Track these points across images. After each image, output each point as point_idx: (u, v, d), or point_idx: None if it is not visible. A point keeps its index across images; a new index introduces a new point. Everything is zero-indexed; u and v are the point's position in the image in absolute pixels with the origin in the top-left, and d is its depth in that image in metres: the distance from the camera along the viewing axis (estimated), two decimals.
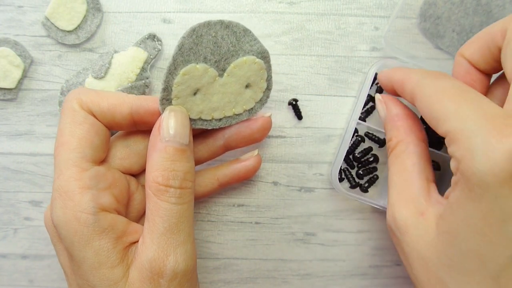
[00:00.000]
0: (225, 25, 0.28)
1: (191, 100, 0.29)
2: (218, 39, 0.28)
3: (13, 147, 0.36)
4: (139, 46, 0.35)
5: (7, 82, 0.35)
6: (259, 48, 0.30)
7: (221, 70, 0.29)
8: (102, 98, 0.28)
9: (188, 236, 0.27)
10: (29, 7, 0.36)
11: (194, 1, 0.36)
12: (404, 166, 0.28)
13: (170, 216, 0.26)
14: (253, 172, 0.34)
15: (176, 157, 0.27)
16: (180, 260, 0.26)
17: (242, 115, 0.31)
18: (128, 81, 0.35)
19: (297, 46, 0.37)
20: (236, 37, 0.29)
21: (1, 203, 0.37)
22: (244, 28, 0.29)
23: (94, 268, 0.26)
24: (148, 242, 0.26)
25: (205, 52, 0.28)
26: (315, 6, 0.37)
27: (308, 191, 0.37)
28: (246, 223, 0.37)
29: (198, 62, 0.28)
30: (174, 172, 0.27)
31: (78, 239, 0.26)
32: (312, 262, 0.37)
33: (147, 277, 0.26)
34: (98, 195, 0.26)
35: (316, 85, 0.37)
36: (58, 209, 0.26)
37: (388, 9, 0.37)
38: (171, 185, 0.26)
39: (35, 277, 0.37)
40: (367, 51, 0.37)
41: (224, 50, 0.29)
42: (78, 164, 0.27)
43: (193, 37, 0.28)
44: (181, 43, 0.27)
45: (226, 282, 0.37)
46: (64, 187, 0.26)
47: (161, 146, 0.27)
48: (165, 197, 0.26)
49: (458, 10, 0.36)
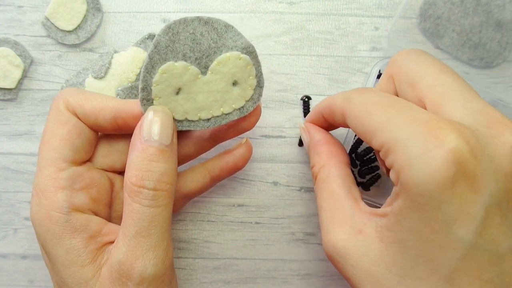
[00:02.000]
0: (203, 21, 0.27)
1: (174, 100, 0.28)
2: (197, 36, 0.27)
3: (13, 147, 0.36)
4: (139, 46, 0.35)
5: (7, 82, 0.35)
6: (243, 43, 0.28)
7: (203, 68, 0.28)
8: (87, 100, 0.28)
9: (160, 241, 0.26)
10: (29, 7, 0.36)
11: (194, 1, 0.36)
12: (331, 190, 0.28)
13: (141, 219, 0.26)
14: (243, 161, 0.32)
15: (153, 158, 0.26)
16: (148, 265, 0.26)
17: (232, 114, 0.30)
18: (128, 81, 0.35)
19: (297, 46, 0.37)
20: (217, 33, 0.28)
21: (1, 203, 0.37)
22: (226, 23, 0.28)
23: (65, 266, 0.26)
24: (120, 244, 0.26)
25: (184, 49, 0.27)
26: (315, 6, 0.37)
27: (308, 191, 0.37)
28: (246, 223, 0.37)
29: (177, 60, 0.27)
30: (149, 173, 0.26)
31: (50, 237, 0.26)
32: (312, 262, 0.37)
33: (116, 279, 0.26)
34: (72, 195, 0.27)
35: (316, 85, 0.37)
36: (33, 206, 0.27)
37: (388, 9, 0.37)
38: (145, 186, 0.26)
39: (35, 277, 0.37)
40: (367, 51, 0.37)
41: (204, 47, 0.28)
42: (55, 164, 0.27)
43: (169, 34, 0.27)
44: (156, 40, 0.27)
45: (226, 282, 0.37)
46: (40, 185, 0.27)
47: (139, 146, 0.26)
48: (138, 199, 0.26)
49: (458, 10, 0.36)
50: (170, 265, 0.28)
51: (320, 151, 0.30)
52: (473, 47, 0.36)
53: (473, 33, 0.36)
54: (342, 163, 0.29)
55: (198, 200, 0.36)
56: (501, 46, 0.36)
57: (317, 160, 0.30)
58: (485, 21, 0.36)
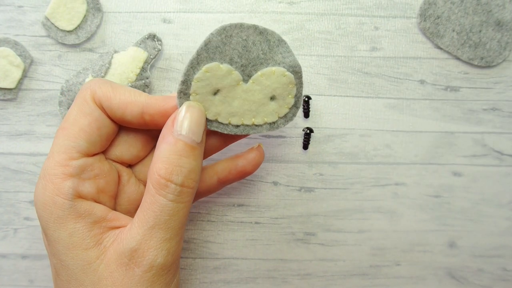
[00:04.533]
0: (259, 30, 0.27)
1: (210, 99, 0.28)
2: (248, 43, 0.27)
3: (13, 147, 0.36)
4: (139, 46, 0.35)
5: (7, 82, 0.35)
6: (292, 61, 0.28)
7: (246, 76, 0.28)
8: (115, 93, 0.28)
9: (175, 234, 0.27)
10: (29, 7, 0.36)
11: (194, 1, 0.36)
12: None
13: (163, 213, 0.26)
14: (254, 166, 0.32)
15: (184, 153, 0.26)
16: (159, 256, 0.26)
17: (262, 127, 0.29)
18: (128, 81, 0.35)
19: (297, 46, 0.37)
20: (269, 46, 0.28)
21: (1, 203, 0.37)
22: (280, 38, 0.28)
23: (67, 249, 0.27)
24: (135, 231, 0.26)
25: (232, 53, 0.27)
26: (315, 6, 0.37)
27: (308, 191, 0.37)
28: (246, 223, 0.37)
29: (223, 62, 0.27)
30: (179, 168, 0.26)
31: (53, 220, 0.27)
32: (312, 262, 0.37)
33: (124, 263, 0.26)
34: (79, 183, 0.27)
35: (316, 85, 0.37)
36: (39, 189, 0.27)
37: (388, 9, 0.37)
38: (173, 180, 0.26)
39: (35, 277, 0.37)
40: (367, 51, 0.37)
41: (253, 55, 0.28)
42: (69, 152, 0.27)
43: (222, 36, 0.27)
44: (208, 39, 0.27)
45: (226, 282, 0.37)
46: (49, 169, 0.27)
47: (171, 139, 0.26)
48: (164, 192, 0.26)
49: (458, 10, 0.36)
50: (178, 257, 0.28)
51: None
52: (473, 47, 0.36)
53: (473, 32, 0.36)
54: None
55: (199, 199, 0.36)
56: (501, 46, 0.36)
57: None
58: (485, 21, 0.36)
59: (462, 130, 0.36)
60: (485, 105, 0.37)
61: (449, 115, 0.36)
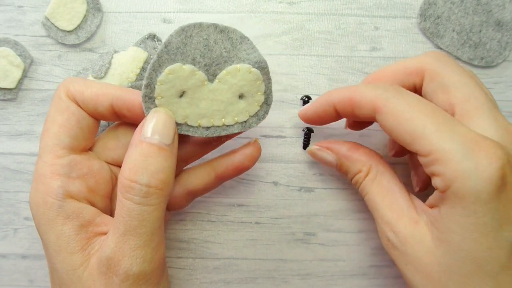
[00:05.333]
0: (219, 29, 0.27)
1: (176, 102, 0.28)
2: (210, 42, 0.27)
3: (13, 147, 0.36)
4: (139, 46, 0.35)
5: (7, 82, 0.35)
6: (256, 57, 0.28)
7: (211, 75, 0.28)
8: (87, 87, 0.28)
9: (149, 240, 0.26)
10: (29, 7, 0.36)
11: (194, 1, 0.36)
12: (383, 186, 0.30)
13: (131, 218, 0.25)
14: (251, 160, 0.32)
15: (151, 154, 0.26)
16: (134, 263, 0.26)
17: (233, 127, 0.29)
18: (128, 81, 0.35)
19: (297, 46, 0.37)
20: (232, 43, 0.28)
21: (1, 203, 0.37)
22: (242, 35, 0.28)
23: (55, 252, 0.27)
24: (110, 239, 0.26)
25: (194, 53, 0.27)
26: (315, 6, 0.37)
27: (308, 191, 0.37)
28: (246, 223, 0.37)
29: (185, 63, 0.27)
30: (144, 168, 0.25)
31: (44, 222, 0.27)
32: (312, 262, 0.37)
33: (103, 272, 0.26)
34: (68, 182, 0.27)
35: (316, 85, 0.37)
36: (32, 190, 0.27)
37: (388, 9, 0.37)
38: (138, 180, 0.25)
39: (35, 277, 0.37)
40: (367, 51, 0.37)
41: (216, 54, 0.27)
42: (54, 150, 0.27)
43: (182, 36, 0.27)
44: (168, 40, 0.27)
45: (226, 282, 0.37)
46: (38, 170, 0.27)
47: (137, 142, 0.26)
48: (129, 195, 0.25)
49: (458, 10, 0.36)
50: (159, 265, 0.28)
51: (356, 158, 0.31)
52: (473, 47, 0.36)
53: (473, 32, 0.36)
54: (381, 161, 0.31)
55: (198, 200, 0.36)
56: (501, 46, 0.36)
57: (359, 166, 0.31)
58: (485, 21, 0.36)
59: None
60: None
61: None
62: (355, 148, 0.32)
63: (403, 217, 0.28)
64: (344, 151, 0.32)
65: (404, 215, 0.28)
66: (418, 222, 0.27)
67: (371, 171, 0.31)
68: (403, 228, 0.28)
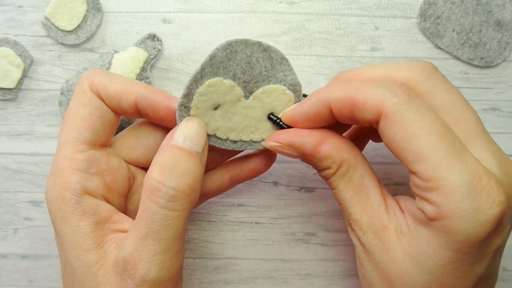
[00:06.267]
0: (263, 47, 0.27)
1: (210, 114, 0.28)
2: (252, 60, 0.27)
3: (13, 147, 0.36)
4: (139, 46, 0.35)
5: (7, 82, 0.35)
6: (293, 79, 0.29)
7: (248, 92, 0.28)
8: (111, 82, 0.28)
9: (170, 247, 0.25)
10: (29, 7, 0.36)
11: (194, 1, 0.36)
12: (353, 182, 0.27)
13: (155, 221, 0.25)
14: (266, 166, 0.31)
15: (181, 157, 0.25)
16: (152, 270, 0.25)
17: (259, 144, 0.30)
18: None
19: (297, 46, 0.37)
20: (272, 63, 0.28)
21: (1, 203, 0.37)
22: (282, 56, 0.28)
23: (70, 247, 0.26)
24: (129, 240, 0.26)
25: (236, 69, 0.27)
26: (315, 6, 0.37)
27: (308, 191, 0.37)
28: (246, 223, 0.37)
29: (226, 78, 0.27)
30: (173, 170, 0.25)
31: (60, 216, 0.26)
32: (312, 262, 0.37)
33: (119, 273, 0.26)
34: (86, 178, 0.27)
35: (316, 85, 0.37)
36: (49, 183, 0.27)
37: (388, 9, 0.37)
38: (165, 182, 0.25)
39: (35, 277, 0.37)
40: (367, 51, 0.37)
41: (256, 72, 0.28)
42: (74, 144, 0.27)
43: (227, 51, 0.27)
44: (213, 53, 0.27)
45: (226, 282, 0.37)
46: (57, 163, 0.27)
47: (169, 145, 0.26)
48: (155, 197, 0.25)
49: (458, 10, 0.36)
50: (177, 272, 0.27)
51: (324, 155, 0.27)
52: (473, 47, 0.36)
53: (473, 32, 0.36)
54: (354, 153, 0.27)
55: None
56: (501, 46, 0.36)
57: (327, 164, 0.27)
58: (485, 21, 0.36)
59: None
60: (485, 105, 0.37)
61: None
62: (324, 141, 0.27)
63: (373, 217, 0.26)
64: (310, 148, 0.27)
65: (374, 215, 0.26)
66: (388, 227, 0.26)
67: (341, 167, 0.27)
68: (372, 229, 0.26)
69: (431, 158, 0.23)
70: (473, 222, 0.23)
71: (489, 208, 0.23)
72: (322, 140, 0.27)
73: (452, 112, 0.26)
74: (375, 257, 0.26)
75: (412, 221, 0.25)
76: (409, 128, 0.24)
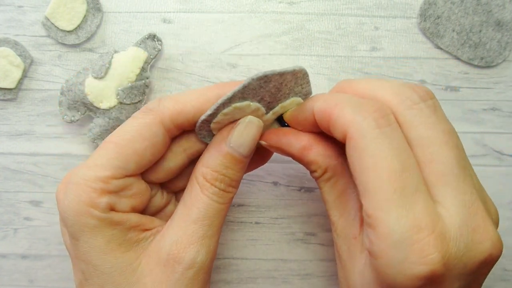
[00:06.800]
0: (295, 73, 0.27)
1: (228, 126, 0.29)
2: (282, 86, 0.27)
3: (13, 147, 0.36)
4: (139, 46, 0.35)
5: (7, 82, 0.35)
6: (307, 90, 0.28)
7: (269, 109, 0.28)
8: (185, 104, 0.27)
9: (215, 233, 0.28)
10: (29, 7, 0.36)
11: (194, 1, 0.36)
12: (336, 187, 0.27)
13: (207, 209, 0.27)
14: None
15: (231, 165, 0.27)
16: (202, 252, 0.27)
17: None
18: (128, 81, 0.35)
19: (297, 46, 0.37)
20: (296, 81, 0.27)
21: (1, 203, 0.37)
22: (305, 71, 0.27)
23: (104, 254, 0.26)
24: (175, 226, 0.27)
25: (265, 94, 0.27)
26: (315, 6, 0.37)
27: (308, 191, 0.37)
28: (246, 223, 0.37)
29: (254, 101, 0.27)
30: (223, 177, 0.27)
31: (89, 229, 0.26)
32: (312, 262, 0.37)
33: (164, 260, 0.26)
34: (115, 200, 0.27)
35: (316, 85, 0.37)
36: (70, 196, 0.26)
37: (388, 9, 0.37)
38: (217, 186, 0.27)
39: (35, 277, 0.37)
40: (367, 51, 0.37)
41: (281, 93, 0.28)
42: (114, 171, 0.26)
43: (262, 81, 0.26)
44: (248, 83, 0.26)
45: (226, 282, 0.37)
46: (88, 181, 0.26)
47: (223, 150, 0.27)
48: (208, 193, 0.27)
49: (458, 10, 0.36)
50: (215, 258, 0.29)
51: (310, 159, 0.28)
52: (473, 47, 0.36)
53: (473, 32, 0.36)
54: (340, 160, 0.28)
55: None
56: (501, 46, 0.36)
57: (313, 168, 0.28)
58: (485, 21, 0.36)
59: (462, 130, 0.36)
60: (485, 105, 0.37)
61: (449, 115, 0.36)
62: (311, 146, 0.27)
63: (347, 225, 0.27)
64: (297, 151, 0.28)
65: (349, 224, 0.27)
66: (357, 238, 0.26)
67: (326, 173, 0.27)
68: (344, 235, 0.27)
69: (374, 196, 0.22)
70: (399, 271, 0.22)
71: (416, 263, 0.22)
72: (309, 145, 0.28)
73: (427, 149, 0.24)
74: (342, 261, 0.27)
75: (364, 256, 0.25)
76: (365, 158, 0.23)
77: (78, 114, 0.35)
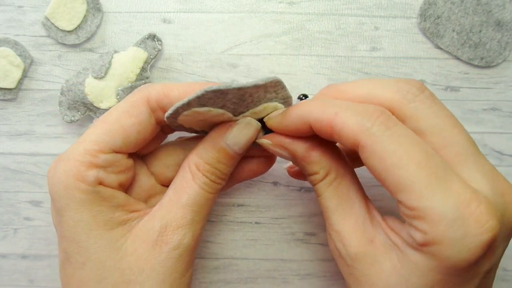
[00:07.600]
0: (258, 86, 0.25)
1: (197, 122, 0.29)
2: (245, 96, 0.26)
3: (13, 147, 0.36)
4: (139, 46, 0.35)
5: (7, 82, 0.35)
6: (285, 95, 0.28)
7: (238, 113, 0.28)
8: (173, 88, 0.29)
9: (202, 220, 0.29)
10: (29, 7, 0.36)
11: (194, 1, 0.36)
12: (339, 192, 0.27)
13: (197, 197, 0.28)
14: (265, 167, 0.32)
15: (224, 160, 0.29)
16: (189, 235, 0.28)
17: None
18: (128, 81, 0.35)
19: (297, 46, 0.37)
20: (265, 91, 0.27)
21: (1, 203, 0.37)
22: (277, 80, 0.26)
23: (90, 230, 0.27)
24: (165, 209, 0.28)
25: (225, 103, 0.26)
26: (315, 6, 0.37)
27: (308, 191, 0.37)
28: (246, 223, 0.37)
29: (215, 107, 0.27)
30: (215, 170, 0.29)
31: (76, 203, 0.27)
32: (312, 262, 0.37)
33: (152, 240, 0.27)
34: (103, 174, 0.27)
35: (316, 85, 0.37)
36: (59, 170, 0.27)
37: (388, 9, 0.37)
38: (208, 177, 0.29)
39: (35, 277, 0.37)
40: (367, 51, 0.37)
41: (247, 102, 0.27)
42: (102, 145, 0.27)
43: (217, 93, 0.25)
44: (201, 94, 0.25)
45: (226, 282, 0.37)
46: (76, 155, 0.27)
47: (218, 145, 0.28)
48: (199, 182, 0.28)
49: (458, 10, 0.36)
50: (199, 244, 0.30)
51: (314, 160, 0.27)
52: (473, 47, 0.36)
53: (473, 32, 0.36)
54: (343, 163, 0.28)
55: None
56: (501, 46, 0.36)
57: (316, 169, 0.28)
58: (485, 21, 0.36)
59: None
60: (485, 105, 0.37)
61: None
62: (315, 147, 0.28)
63: (356, 231, 0.26)
64: (301, 152, 0.28)
65: (359, 229, 0.26)
66: (374, 241, 0.26)
67: (329, 175, 0.27)
68: (355, 243, 0.26)
69: (412, 188, 0.23)
70: (461, 248, 0.22)
71: (478, 234, 0.22)
72: (314, 145, 0.28)
73: (439, 135, 0.25)
74: (357, 271, 0.26)
75: (400, 241, 0.25)
76: (387, 159, 0.23)
77: (78, 114, 0.35)
